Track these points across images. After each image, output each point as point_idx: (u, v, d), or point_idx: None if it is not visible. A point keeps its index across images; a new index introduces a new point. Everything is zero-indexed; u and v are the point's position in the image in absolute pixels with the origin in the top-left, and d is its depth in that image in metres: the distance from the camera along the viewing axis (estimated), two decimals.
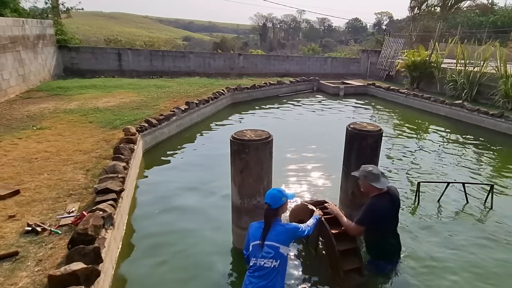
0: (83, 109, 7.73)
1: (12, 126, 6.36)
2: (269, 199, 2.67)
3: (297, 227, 2.84)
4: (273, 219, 2.68)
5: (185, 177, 5.50)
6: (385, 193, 3.20)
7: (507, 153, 7.58)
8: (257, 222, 2.78)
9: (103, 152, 5.22)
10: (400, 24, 41.17)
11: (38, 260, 2.82)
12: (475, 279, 3.41)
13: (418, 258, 3.65)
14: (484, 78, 10.92)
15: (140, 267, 3.41)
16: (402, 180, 5.65)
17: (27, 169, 4.50)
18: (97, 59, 13.41)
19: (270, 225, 2.65)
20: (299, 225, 2.93)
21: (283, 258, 2.63)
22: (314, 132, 8.56)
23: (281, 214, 2.78)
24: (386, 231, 3.27)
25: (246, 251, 2.80)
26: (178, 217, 4.34)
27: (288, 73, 16.22)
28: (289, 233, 2.71)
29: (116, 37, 23.21)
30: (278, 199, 2.67)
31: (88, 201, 3.76)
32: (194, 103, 8.56)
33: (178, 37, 59.97)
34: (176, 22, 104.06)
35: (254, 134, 3.35)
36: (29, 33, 10.04)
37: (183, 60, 14.66)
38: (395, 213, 3.31)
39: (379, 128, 3.86)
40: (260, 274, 2.58)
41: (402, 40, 16.68)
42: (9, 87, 8.66)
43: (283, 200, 2.69)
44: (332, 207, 3.49)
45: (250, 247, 2.66)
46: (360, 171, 3.25)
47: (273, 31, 74.65)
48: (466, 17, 31.42)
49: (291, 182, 5.40)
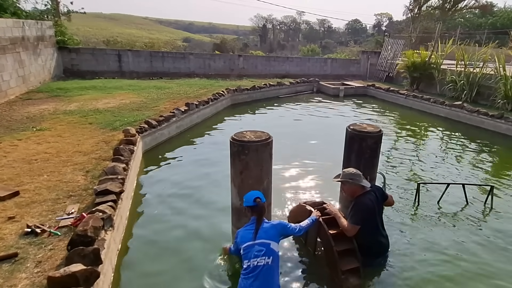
0: (83, 110, 7.73)
1: (12, 127, 6.35)
2: (257, 194, 2.96)
3: (284, 223, 3.04)
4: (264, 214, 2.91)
5: (185, 178, 5.49)
6: (370, 190, 3.38)
7: (507, 154, 7.58)
8: (243, 228, 2.97)
9: (103, 153, 5.22)
10: (400, 25, 41.22)
11: (37, 261, 2.81)
12: (475, 279, 3.40)
13: (417, 260, 3.65)
14: (484, 79, 10.93)
15: (140, 268, 3.41)
16: (402, 181, 5.65)
17: (27, 171, 4.50)
18: (97, 61, 13.40)
19: (262, 219, 2.87)
20: (287, 222, 3.13)
21: (275, 255, 2.73)
22: (314, 133, 8.56)
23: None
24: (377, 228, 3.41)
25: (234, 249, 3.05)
26: (178, 218, 4.33)
27: (288, 74, 16.22)
28: (277, 228, 2.89)
29: (116, 38, 23.30)
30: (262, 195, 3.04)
31: (88, 203, 3.75)
32: (194, 104, 8.56)
33: (178, 38, 60.10)
34: (176, 23, 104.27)
35: (254, 135, 3.35)
36: (29, 34, 10.05)
37: (183, 61, 14.67)
38: (380, 208, 3.51)
39: (379, 129, 3.86)
40: (254, 274, 2.62)
41: (402, 42, 16.71)
42: (9, 88, 8.66)
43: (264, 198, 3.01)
44: (331, 208, 3.53)
45: (242, 251, 2.76)
46: (345, 175, 3.40)
47: (273, 32, 74.79)
48: (465, 19, 31.48)
49: (291, 183, 5.39)
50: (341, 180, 3.42)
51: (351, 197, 3.43)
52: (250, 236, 2.79)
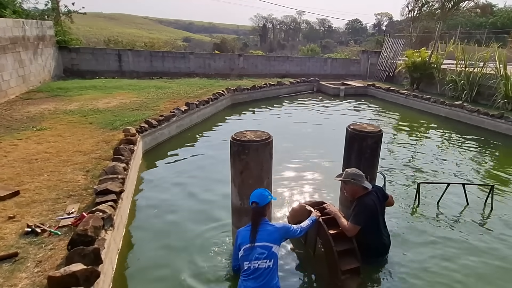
0: (83, 110, 7.73)
1: (12, 127, 6.36)
2: (256, 198, 2.81)
3: (288, 226, 2.99)
4: (261, 218, 2.80)
5: (185, 178, 5.50)
6: (371, 191, 3.39)
7: (507, 154, 7.57)
8: (243, 227, 2.89)
9: (103, 153, 5.22)
10: (400, 25, 41.16)
11: (37, 261, 2.81)
12: (475, 279, 3.40)
13: (417, 260, 3.65)
14: (484, 79, 10.93)
15: (140, 268, 3.41)
16: (402, 181, 5.65)
17: (27, 170, 4.50)
18: (97, 60, 13.40)
19: (258, 224, 2.76)
20: (290, 225, 3.06)
21: (275, 257, 2.71)
22: (314, 133, 8.56)
23: (267, 214, 2.92)
24: (379, 228, 3.41)
25: (235, 262, 2.89)
26: (178, 218, 4.33)
27: (288, 74, 16.22)
28: (280, 232, 2.83)
29: (116, 38, 23.23)
30: (265, 197, 2.83)
31: (88, 202, 3.75)
32: (194, 104, 8.56)
33: (178, 38, 60.01)
34: (176, 23, 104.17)
35: (254, 135, 3.35)
36: (29, 34, 10.05)
37: (183, 61, 14.67)
38: (382, 208, 3.52)
39: (379, 129, 3.86)
40: (255, 276, 2.61)
41: (402, 41, 16.70)
42: (9, 88, 8.66)
43: (269, 198, 2.85)
44: (331, 207, 3.52)
45: (242, 252, 2.72)
46: (347, 175, 3.39)
47: (273, 32, 74.79)
48: (465, 18, 31.46)
49: (291, 183, 5.39)
50: (343, 179, 3.43)
51: (352, 197, 3.43)
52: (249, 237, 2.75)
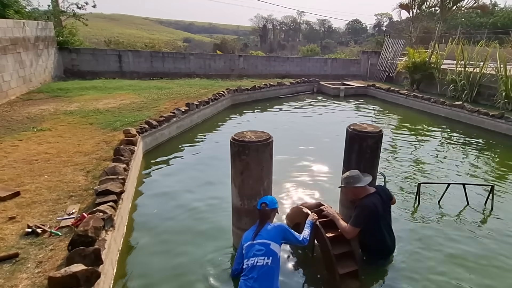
0: (84, 110, 7.74)
1: (12, 127, 6.36)
2: (266, 200, 3.09)
3: (285, 226, 3.12)
4: (266, 220, 3.00)
5: (185, 178, 5.50)
6: (374, 192, 3.36)
7: (507, 154, 7.57)
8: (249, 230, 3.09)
9: (104, 153, 5.22)
10: (400, 25, 41.16)
11: (38, 261, 2.81)
12: (475, 279, 3.40)
13: (417, 259, 3.64)
14: (484, 79, 10.92)
15: (141, 268, 3.41)
16: (402, 181, 5.64)
17: (28, 171, 4.50)
18: (97, 61, 13.41)
19: (265, 222, 2.98)
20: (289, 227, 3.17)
21: (275, 256, 2.73)
22: (314, 133, 8.56)
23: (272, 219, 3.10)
24: (381, 230, 3.35)
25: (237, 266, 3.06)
26: (179, 218, 4.33)
27: (288, 74, 16.23)
28: (278, 230, 2.95)
29: (116, 38, 23.29)
30: (275, 202, 3.13)
31: (88, 203, 3.76)
32: (194, 104, 8.56)
33: (178, 38, 60.08)
34: (177, 24, 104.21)
35: (254, 136, 3.35)
36: (30, 34, 10.06)
37: (184, 61, 14.68)
38: (387, 209, 3.46)
39: (379, 129, 3.86)
40: (254, 275, 2.62)
41: (402, 41, 16.71)
42: (9, 89, 8.67)
43: (276, 205, 3.13)
44: (328, 209, 3.47)
45: (244, 250, 2.85)
46: (342, 180, 3.48)
47: (273, 33, 74.79)
48: (466, 18, 31.44)
49: (291, 184, 5.39)
50: (340, 186, 3.59)
51: (356, 198, 3.40)
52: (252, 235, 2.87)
